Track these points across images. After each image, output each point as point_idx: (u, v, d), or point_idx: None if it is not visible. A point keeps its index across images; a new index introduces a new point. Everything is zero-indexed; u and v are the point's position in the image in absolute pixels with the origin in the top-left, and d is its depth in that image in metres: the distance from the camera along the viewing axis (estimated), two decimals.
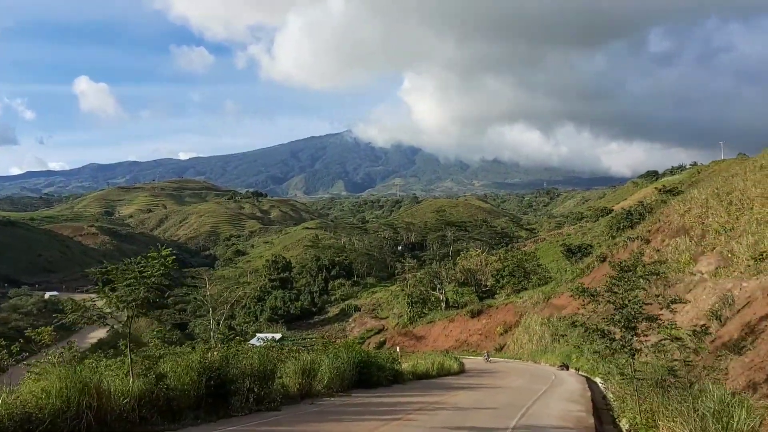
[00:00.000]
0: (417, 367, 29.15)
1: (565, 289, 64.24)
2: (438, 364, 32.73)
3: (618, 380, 22.32)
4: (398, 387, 23.05)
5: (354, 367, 20.53)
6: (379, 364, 22.99)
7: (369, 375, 21.57)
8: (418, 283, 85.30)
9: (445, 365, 34.41)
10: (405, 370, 27.28)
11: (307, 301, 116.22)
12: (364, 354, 22.05)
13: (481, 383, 26.02)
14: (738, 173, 53.99)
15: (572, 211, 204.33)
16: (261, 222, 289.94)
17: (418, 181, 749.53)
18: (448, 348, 67.42)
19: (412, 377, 27.75)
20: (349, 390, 19.80)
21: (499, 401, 18.15)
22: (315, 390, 17.82)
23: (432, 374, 31.34)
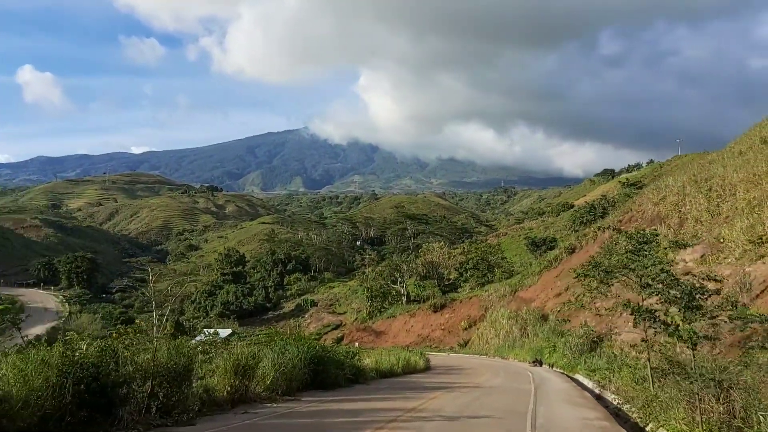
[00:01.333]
0: (381, 364, 25.15)
1: (532, 282, 61.29)
2: (404, 360, 28.84)
3: (624, 378, 18.85)
4: (360, 388, 19.03)
5: (306, 364, 16.44)
6: (337, 360, 18.95)
7: (325, 374, 17.51)
8: (378, 277, 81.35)
9: (411, 362, 30.54)
10: (368, 368, 23.25)
11: (262, 296, 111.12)
12: (320, 348, 17.95)
13: (456, 382, 22.20)
14: (715, 160, 51.78)
15: (532, 207, 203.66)
16: (216, 217, 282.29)
17: (377, 178, 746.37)
18: (409, 344, 63.65)
19: (376, 375, 23.76)
20: (300, 392, 15.69)
21: (492, 406, 14.31)
22: (253, 393, 13.64)
23: (398, 372, 27.41)
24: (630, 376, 18.15)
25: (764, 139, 47.57)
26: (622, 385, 18.69)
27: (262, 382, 14.12)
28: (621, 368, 19.97)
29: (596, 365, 27.86)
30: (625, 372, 18.90)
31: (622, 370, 19.75)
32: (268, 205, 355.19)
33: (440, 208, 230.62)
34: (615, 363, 20.91)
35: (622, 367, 19.95)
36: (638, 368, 18.39)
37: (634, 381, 17.79)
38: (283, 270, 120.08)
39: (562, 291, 53.34)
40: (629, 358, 23.66)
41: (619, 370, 19.92)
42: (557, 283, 55.60)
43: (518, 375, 29.25)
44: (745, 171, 41.48)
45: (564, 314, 49.27)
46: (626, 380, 18.22)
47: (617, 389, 19.44)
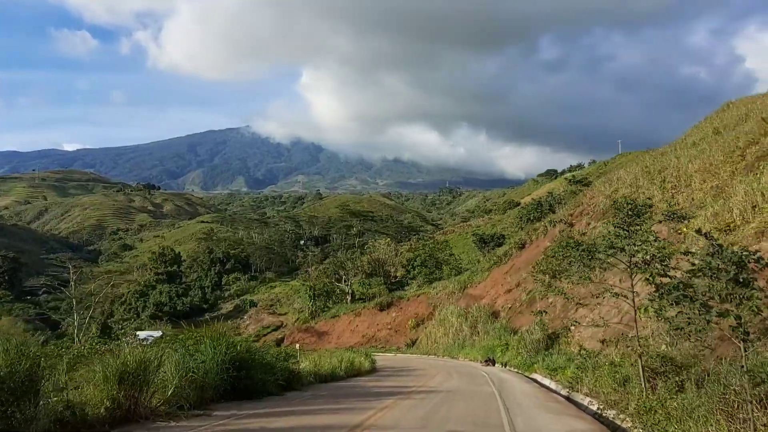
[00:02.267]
0: (321, 367, 21.93)
1: (482, 278, 59.18)
2: (347, 361, 25.69)
3: (602, 379, 16.26)
4: (295, 396, 15.79)
5: (224, 368, 13.08)
6: (265, 362, 15.66)
7: (250, 379, 14.20)
8: (321, 275, 77.81)
9: (356, 363, 27.44)
10: (305, 371, 20.00)
11: (198, 296, 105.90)
12: (242, 348, 14.55)
13: (408, 386, 19.21)
14: (667, 152, 50.78)
15: (478, 206, 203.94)
16: (152, 216, 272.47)
17: (322, 178, 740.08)
18: (354, 344, 60.58)
19: (315, 380, 20.55)
20: (215, 404, 12.35)
21: (459, 417, 11.36)
22: (146, 408, 10.24)
23: (340, 375, 24.26)
24: (609, 377, 15.58)
25: (717, 130, 46.62)
26: (598, 387, 16.14)
27: (161, 392, 10.72)
28: (595, 367, 17.39)
29: (556, 364, 25.49)
30: (603, 372, 16.32)
31: (597, 369, 17.18)
32: (208, 204, 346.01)
33: (386, 208, 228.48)
34: (587, 361, 18.32)
35: (598, 366, 17.38)
36: (619, 367, 15.82)
37: (615, 382, 15.24)
38: (222, 269, 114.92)
39: (513, 287, 51.35)
40: (594, 355, 21.14)
41: (594, 369, 17.34)
42: (508, 279, 53.61)
43: (473, 376, 26.57)
44: (700, 161, 40.08)
45: (516, 310, 47.26)
46: (604, 381, 15.64)
47: (591, 391, 16.89)
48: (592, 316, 29.93)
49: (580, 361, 19.08)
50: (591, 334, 28.43)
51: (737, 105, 48.86)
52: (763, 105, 43.13)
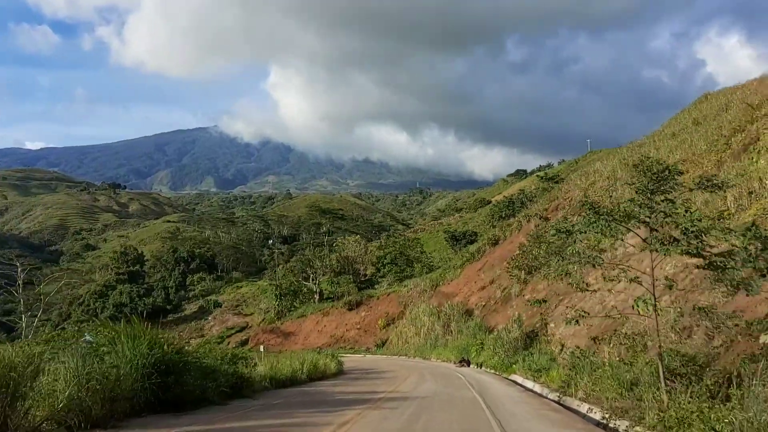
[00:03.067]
0: (278, 370, 19.32)
1: (454, 276, 57.02)
2: (309, 363, 23.09)
3: (603, 382, 14.00)
4: (240, 406, 13.20)
5: (145, 373, 10.42)
6: (203, 366, 12.96)
7: (181, 386, 11.52)
8: (288, 273, 74.80)
9: (320, 365, 24.86)
10: (258, 375, 17.37)
11: (161, 297, 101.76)
12: (171, 348, 11.89)
13: (377, 391, 16.75)
14: (646, 143, 49.38)
15: (449, 205, 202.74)
16: (118, 216, 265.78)
17: (293, 179, 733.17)
18: (321, 345, 57.92)
19: (270, 385, 17.94)
20: (130, 418, 9.70)
21: None
22: (23, 426, 7.54)
23: (301, 378, 21.69)
24: (612, 380, 13.34)
25: (696, 121, 45.24)
26: (598, 391, 13.90)
27: (47, 404, 8.06)
28: (593, 368, 15.15)
29: (539, 364, 23.32)
30: (603, 373, 14.07)
31: (594, 370, 14.93)
32: (176, 204, 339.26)
33: (357, 208, 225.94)
34: (581, 361, 16.07)
35: (595, 367, 15.13)
36: (628, 368, 13.58)
37: (621, 386, 13.00)
38: (186, 269, 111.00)
39: (487, 284, 49.31)
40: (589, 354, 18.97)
41: (591, 370, 15.10)
42: (481, 276, 51.55)
43: (448, 378, 24.24)
44: (681, 151, 38.49)
45: (490, 308, 45.20)
46: (606, 385, 13.39)
47: (588, 396, 14.65)
48: (573, 313, 27.80)
49: (573, 361, 16.83)
50: (574, 332, 26.36)
51: (716, 96, 47.64)
52: (743, 94, 41.87)
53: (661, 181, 10.26)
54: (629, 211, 10.63)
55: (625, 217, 10.53)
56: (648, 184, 10.54)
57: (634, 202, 10.76)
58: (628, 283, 27.31)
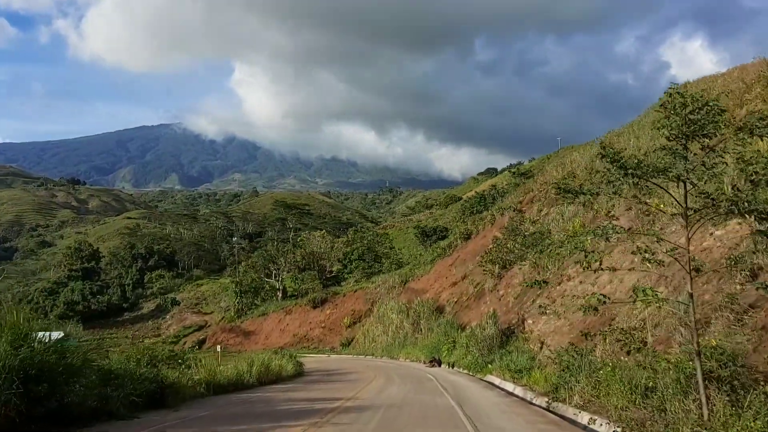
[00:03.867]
0: (218, 374, 16.33)
1: (424, 272, 54.48)
2: (260, 365, 20.12)
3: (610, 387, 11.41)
4: (150, 420, 10.26)
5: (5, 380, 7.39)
6: (105, 370, 9.94)
7: (59, 397, 8.49)
8: (249, 270, 71.26)
9: (273, 367, 21.93)
10: (191, 380, 14.37)
11: (117, 295, 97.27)
12: (43, 347, 8.81)
13: (334, 398, 13.92)
14: (624, 132, 47.60)
15: (419, 202, 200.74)
16: (77, 212, 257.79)
17: (260, 177, 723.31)
18: (284, 345, 54.80)
19: (207, 391, 14.97)
20: None
21: None
22: None
23: (249, 383, 18.74)
24: (620, 384, 10.75)
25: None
26: (602, 398, 11.33)
27: None
28: (593, 369, 12.56)
29: (519, 364, 20.78)
30: (607, 376, 11.48)
31: (594, 372, 12.35)
32: (138, 201, 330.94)
33: (324, 206, 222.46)
34: (578, 360, 13.46)
35: (594, 369, 12.55)
36: (639, 371, 11.02)
37: (633, 392, 10.43)
38: (144, 266, 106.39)
39: (459, 279, 46.89)
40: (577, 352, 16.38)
41: (590, 372, 12.51)
42: (453, 272, 49.10)
43: (419, 380, 21.56)
44: (666, 141, 36.30)
45: (462, 305, 42.73)
46: (614, 390, 10.81)
47: (587, 403, 12.07)
48: (553, 306, 25.51)
49: (565, 361, 14.22)
50: (554, 328, 23.95)
51: (695, 85, 46.07)
52: (725, 82, 40.31)
53: (700, 123, 7.68)
54: (665, 164, 8.01)
55: (657, 171, 7.91)
56: (681, 126, 7.95)
57: (669, 150, 8.14)
58: (613, 274, 24.74)
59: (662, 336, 14.87)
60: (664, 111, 8.11)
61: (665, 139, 8.27)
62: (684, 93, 7.87)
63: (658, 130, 8.19)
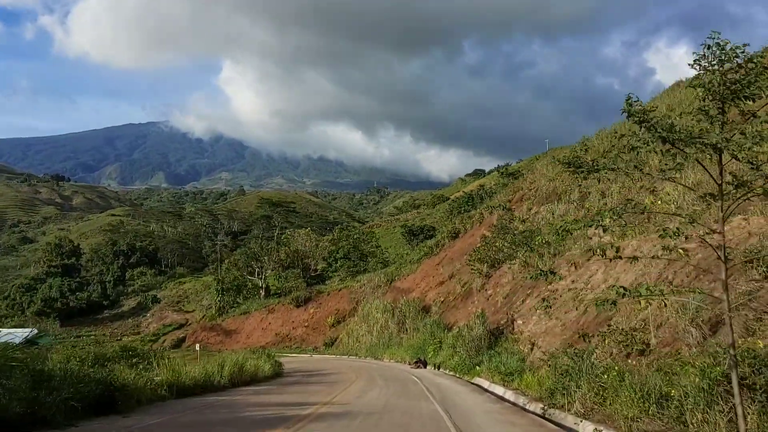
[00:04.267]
0: (183, 375, 14.92)
1: (410, 271, 53.19)
2: (233, 365, 18.71)
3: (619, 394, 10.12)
4: (94, 428, 8.82)
5: None
6: (37, 371, 8.53)
7: None
8: (232, 267, 69.57)
9: (248, 367, 20.55)
10: (150, 382, 12.96)
11: (97, 292, 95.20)
12: None
13: (307, 403, 12.59)
14: (618, 130, 46.67)
15: (406, 202, 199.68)
16: (61, 209, 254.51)
17: (248, 176, 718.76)
18: (265, 344, 53.33)
19: (169, 394, 13.57)
20: None
21: None
22: None
23: (220, 384, 17.35)
24: (630, 391, 9.48)
25: (671, 108, 42.54)
26: (608, 407, 10.07)
27: None
28: (596, 374, 11.29)
29: (509, 367, 19.58)
30: (614, 382, 10.20)
31: (597, 376, 11.07)
32: (124, 198, 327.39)
33: (312, 205, 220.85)
34: (579, 363, 12.18)
35: (597, 372, 11.27)
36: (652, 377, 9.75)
37: (647, 401, 9.14)
38: (126, 263, 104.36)
39: (446, 279, 45.70)
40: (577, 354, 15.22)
41: (593, 376, 11.24)
42: (440, 271, 47.90)
43: (403, 383, 20.26)
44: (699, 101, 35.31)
45: (449, 305, 41.50)
46: (623, 399, 9.54)
47: (589, 411, 10.81)
48: (544, 306, 24.32)
49: (564, 364, 12.96)
50: (546, 329, 22.78)
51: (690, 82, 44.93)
52: None
53: (741, 84, 6.43)
54: (699, 130, 6.75)
55: (691, 138, 6.65)
56: (719, 86, 6.71)
57: (703, 112, 6.89)
58: (606, 273, 23.52)
59: (667, 337, 13.65)
60: (698, 67, 6.86)
61: (700, 101, 7.01)
62: (722, 44, 6.61)
63: (693, 89, 6.90)
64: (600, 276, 22.04)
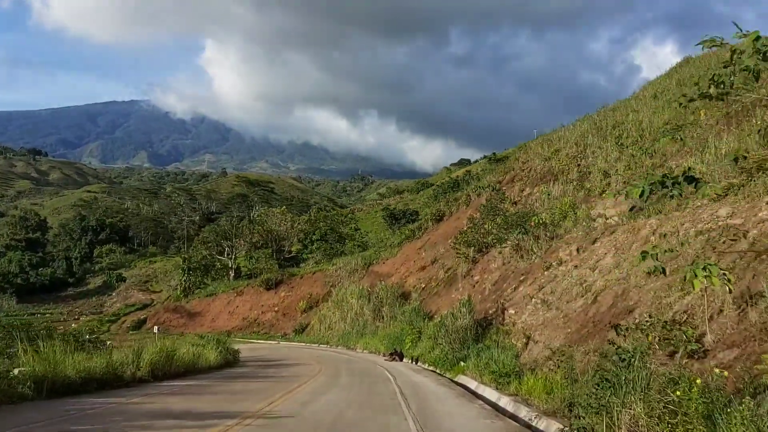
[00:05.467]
0: (66, 366, 10.95)
1: (390, 254, 49.35)
2: (155, 353, 14.75)
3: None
4: None
5: None
6: None
7: None
8: (200, 245, 65.26)
9: (181, 355, 16.62)
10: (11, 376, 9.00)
11: (62, 268, 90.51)
12: None
13: (229, 412, 8.75)
14: (619, 107, 43.06)
15: (390, 187, 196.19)
16: (36, 183, 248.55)
17: (231, 159, 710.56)
18: (231, 329, 49.46)
19: (35, 393, 9.63)
20: None
21: None
22: None
23: (135, 377, 13.44)
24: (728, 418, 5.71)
25: (682, 82, 38.95)
26: None
27: None
28: (660, 384, 7.48)
29: (504, 366, 15.82)
30: (695, 400, 6.42)
31: (665, 389, 7.27)
32: (103, 176, 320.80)
33: (294, 189, 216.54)
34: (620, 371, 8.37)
35: (670, 383, 7.44)
36: None
37: None
38: (95, 240, 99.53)
39: (428, 264, 41.96)
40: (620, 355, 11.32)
41: (644, 387, 7.46)
42: (422, 255, 44.14)
43: (373, 382, 16.47)
44: (671, 112, 31.80)
45: (431, 291, 37.80)
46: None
47: None
48: (541, 294, 20.70)
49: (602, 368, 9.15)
50: (543, 320, 19.07)
51: (700, 59, 41.79)
52: None
53: None
54: None
55: None
56: None
57: None
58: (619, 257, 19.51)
59: (733, 335, 9.90)
60: None
61: None
62: None
63: None
64: (610, 260, 18.36)
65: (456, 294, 31.89)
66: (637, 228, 18.43)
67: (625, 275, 16.55)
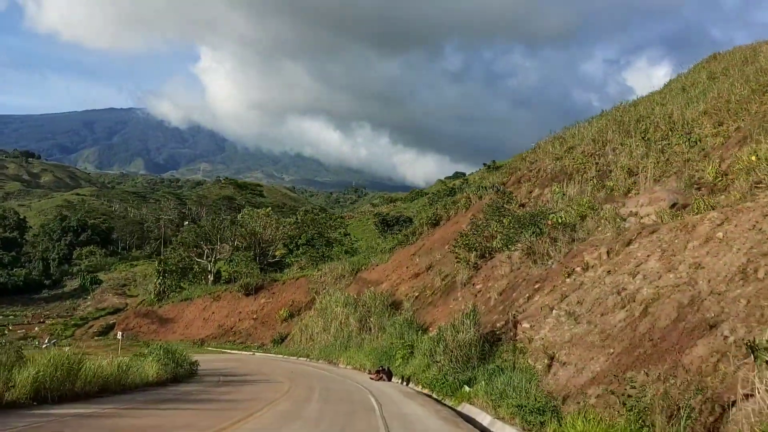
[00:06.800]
0: None
1: (381, 260, 45.16)
2: (50, 366, 10.50)
3: None
4: None
5: None
6: None
7: None
8: (176, 246, 60.82)
9: (98, 369, 12.34)
10: None
11: (38, 269, 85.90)
12: None
13: None
14: (641, 102, 39.35)
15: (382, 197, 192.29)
16: (27, 185, 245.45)
17: (227, 168, 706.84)
18: (205, 337, 45.22)
19: None
20: None
21: None
22: None
23: (3, 399, 9.19)
24: None
25: (713, 75, 35.50)
26: None
27: None
28: None
29: (533, 396, 11.64)
30: None
31: None
32: (96, 180, 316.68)
33: (288, 199, 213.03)
34: None
35: None
36: None
37: None
38: (74, 241, 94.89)
39: (423, 270, 37.79)
40: None
41: None
42: (416, 261, 39.98)
43: (351, 411, 12.28)
44: (705, 104, 28.13)
45: (425, 300, 33.63)
46: None
47: None
48: (565, 305, 16.77)
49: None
50: (571, 337, 15.14)
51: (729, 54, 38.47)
52: None
53: None
54: None
55: None
56: None
57: None
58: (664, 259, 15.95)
59: None
60: None
61: None
62: None
63: None
64: (654, 263, 14.41)
65: (455, 304, 27.84)
66: (692, 224, 14.51)
67: (687, 280, 12.55)
